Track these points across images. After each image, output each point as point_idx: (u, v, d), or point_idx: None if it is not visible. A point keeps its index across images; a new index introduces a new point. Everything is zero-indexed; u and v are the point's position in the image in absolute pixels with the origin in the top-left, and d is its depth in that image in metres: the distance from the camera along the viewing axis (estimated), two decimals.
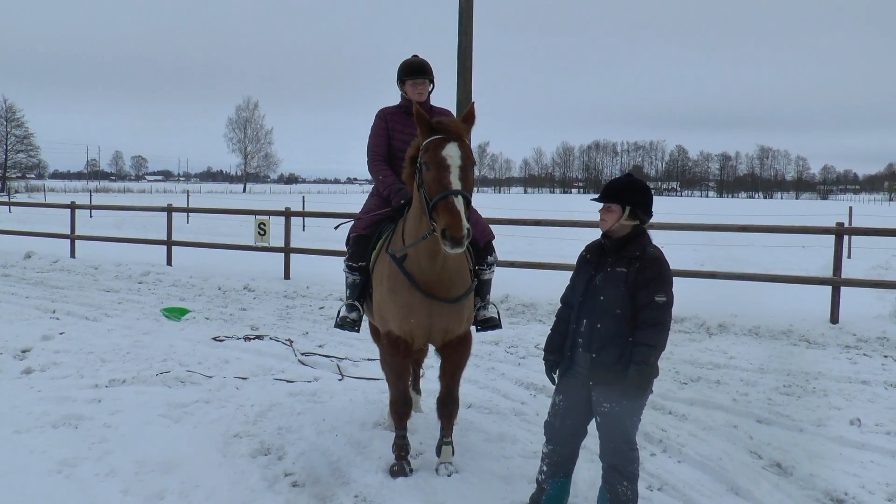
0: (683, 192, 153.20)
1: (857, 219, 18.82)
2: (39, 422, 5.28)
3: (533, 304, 10.73)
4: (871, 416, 5.90)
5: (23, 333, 8.18)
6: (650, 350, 3.57)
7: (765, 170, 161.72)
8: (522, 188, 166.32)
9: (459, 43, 11.02)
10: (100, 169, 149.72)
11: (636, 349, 3.59)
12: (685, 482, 4.57)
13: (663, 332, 3.61)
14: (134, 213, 26.24)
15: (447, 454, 4.68)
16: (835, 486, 4.52)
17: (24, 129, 77.08)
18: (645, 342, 3.57)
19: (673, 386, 6.72)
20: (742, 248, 18.22)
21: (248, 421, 5.49)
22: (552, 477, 3.98)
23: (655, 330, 3.58)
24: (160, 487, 4.29)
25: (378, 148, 5.27)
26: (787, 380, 7.00)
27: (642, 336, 3.59)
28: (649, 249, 3.70)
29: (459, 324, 4.55)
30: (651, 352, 3.57)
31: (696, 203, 70.31)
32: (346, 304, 5.07)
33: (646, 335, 3.58)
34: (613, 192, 3.73)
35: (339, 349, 8.01)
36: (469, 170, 4.00)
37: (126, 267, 14.47)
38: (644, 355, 3.57)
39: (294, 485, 4.47)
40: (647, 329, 3.58)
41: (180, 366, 6.95)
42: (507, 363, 7.57)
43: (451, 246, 3.73)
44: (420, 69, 5.19)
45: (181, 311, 9.88)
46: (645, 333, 3.58)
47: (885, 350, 8.32)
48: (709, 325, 9.44)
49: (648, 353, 3.57)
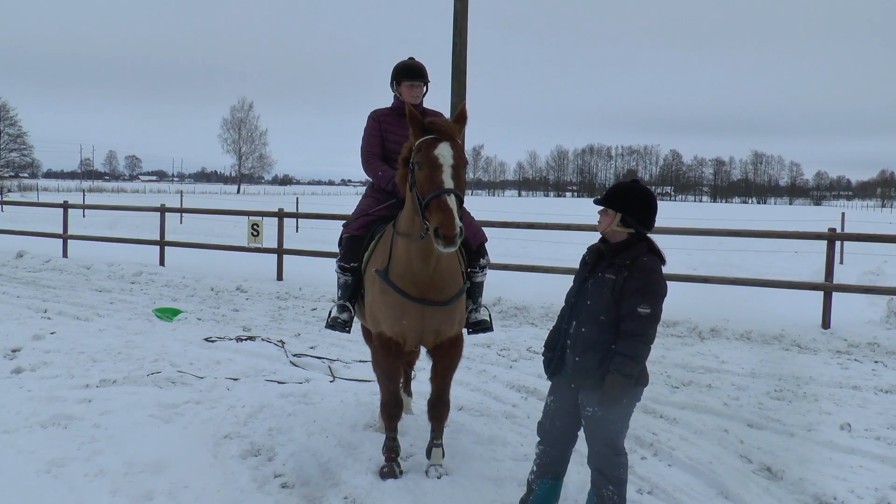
0: (677, 197, 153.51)
1: (849, 224, 18.89)
2: (28, 422, 5.25)
3: (525, 307, 10.73)
4: (862, 421, 5.92)
5: (13, 333, 8.14)
6: (626, 360, 3.52)
7: (759, 175, 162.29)
8: (517, 191, 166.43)
9: (454, 45, 11.04)
10: (93, 168, 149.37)
11: (614, 357, 3.56)
12: (675, 486, 4.58)
13: (643, 343, 3.55)
14: (127, 213, 26.22)
15: (437, 456, 4.68)
16: (824, 491, 4.53)
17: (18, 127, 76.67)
18: (623, 352, 3.54)
19: (664, 390, 6.73)
20: (735, 252, 18.29)
21: (239, 422, 5.47)
22: (541, 477, 3.97)
23: (635, 341, 3.54)
24: (149, 488, 4.27)
25: (373, 148, 5.27)
26: (779, 384, 7.01)
27: (621, 346, 3.55)
28: (642, 259, 3.63)
29: (451, 326, 4.55)
30: (627, 362, 3.52)
31: (690, 207, 70.53)
32: (338, 305, 5.06)
33: (624, 345, 3.55)
34: (609, 197, 3.72)
35: (330, 350, 7.99)
36: (461, 169, 4.00)
37: (118, 267, 14.41)
38: (619, 364, 3.53)
39: (284, 486, 4.45)
40: (626, 339, 3.55)
41: (171, 366, 6.92)
42: (498, 366, 7.57)
43: (443, 245, 3.73)
44: (416, 72, 5.20)
45: (173, 312, 9.86)
46: (624, 344, 3.55)
47: (876, 355, 8.35)
48: (701, 329, 9.46)
49: (624, 363, 3.52)
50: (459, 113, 4.35)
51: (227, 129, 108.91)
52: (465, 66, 11.06)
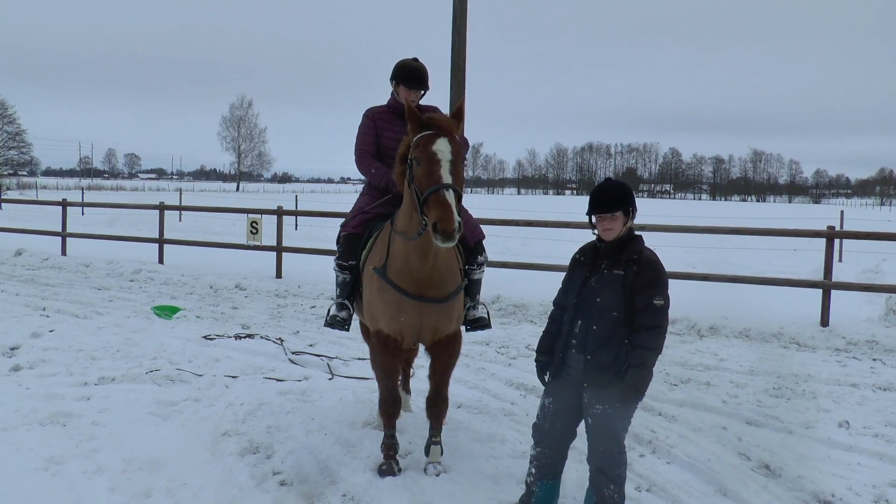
0: (677, 195, 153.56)
1: (848, 223, 18.88)
2: (27, 419, 5.25)
3: (524, 304, 10.73)
4: (860, 419, 5.93)
5: (12, 331, 8.14)
6: (648, 353, 3.57)
7: (758, 173, 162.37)
8: (516, 189, 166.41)
9: (453, 43, 11.04)
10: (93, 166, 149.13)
11: (634, 352, 3.58)
12: (674, 483, 4.58)
13: (661, 335, 3.60)
14: (126, 211, 26.18)
15: (436, 454, 4.68)
16: (822, 488, 4.53)
17: (16, 125, 76.45)
18: (643, 345, 3.57)
19: (663, 387, 6.74)
20: (734, 250, 18.28)
21: (238, 419, 5.47)
22: (541, 479, 3.97)
23: (653, 333, 3.58)
24: (147, 485, 4.27)
25: (366, 146, 5.23)
26: (777, 382, 7.02)
27: (640, 339, 3.58)
28: (646, 253, 3.70)
29: (449, 323, 4.54)
30: (649, 355, 3.57)
31: (689, 206, 70.43)
32: (336, 303, 5.05)
33: (644, 338, 3.58)
34: (615, 201, 3.70)
35: (329, 348, 7.99)
36: (459, 165, 4.00)
37: (117, 265, 14.41)
38: (642, 358, 3.56)
39: (282, 484, 4.45)
40: (644, 332, 3.58)
41: (170, 364, 6.92)
42: (497, 363, 7.57)
43: (442, 240, 3.72)
44: (418, 79, 5.06)
45: (172, 310, 9.85)
46: (643, 337, 3.58)
47: (875, 353, 8.36)
48: (700, 327, 9.46)
49: (646, 355, 3.56)
50: (457, 109, 4.35)
51: (227, 126, 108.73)
52: (464, 64, 11.06)
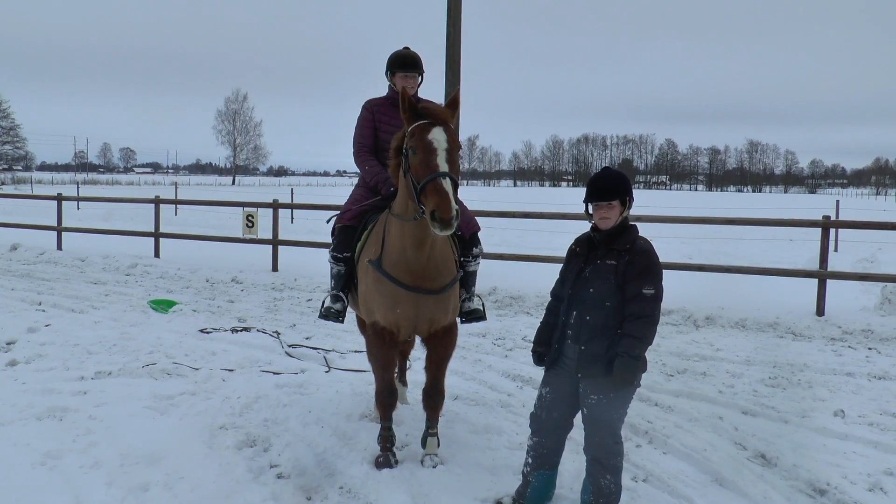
0: (673, 186, 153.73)
1: (843, 212, 18.94)
2: (24, 414, 5.24)
3: (521, 296, 10.73)
4: (855, 408, 5.95)
5: (8, 325, 8.12)
6: (635, 342, 3.57)
7: (754, 164, 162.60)
8: (512, 181, 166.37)
9: (448, 35, 10.99)
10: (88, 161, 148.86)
11: (622, 340, 3.59)
12: (670, 473, 4.60)
13: (650, 324, 3.60)
14: (122, 205, 26.14)
15: (433, 446, 4.69)
16: (818, 477, 4.55)
17: (11, 120, 76.29)
18: (631, 334, 3.58)
19: (659, 378, 6.75)
20: (730, 241, 18.32)
21: (235, 413, 5.47)
22: (538, 469, 3.98)
23: (642, 322, 3.58)
24: (145, 479, 4.27)
25: (364, 140, 5.24)
26: (773, 372, 7.04)
27: (629, 328, 3.59)
28: (639, 242, 3.70)
29: (445, 314, 4.54)
30: (636, 343, 3.57)
31: (685, 196, 70.56)
32: (331, 295, 5.05)
33: (632, 327, 3.58)
34: (612, 189, 3.71)
35: (326, 341, 8.00)
36: (455, 153, 4.00)
37: (113, 259, 14.38)
38: (628, 346, 3.57)
39: (279, 476, 4.46)
40: (633, 321, 3.59)
41: (167, 358, 6.91)
42: (493, 355, 7.58)
43: (440, 228, 3.71)
44: (411, 62, 5.16)
45: (168, 304, 9.84)
46: (631, 325, 3.59)
47: (870, 342, 8.39)
48: (696, 318, 9.48)
49: (633, 344, 3.57)
50: (452, 99, 4.35)
51: (222, 120, 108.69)
52: (460, 57, 11.02)
